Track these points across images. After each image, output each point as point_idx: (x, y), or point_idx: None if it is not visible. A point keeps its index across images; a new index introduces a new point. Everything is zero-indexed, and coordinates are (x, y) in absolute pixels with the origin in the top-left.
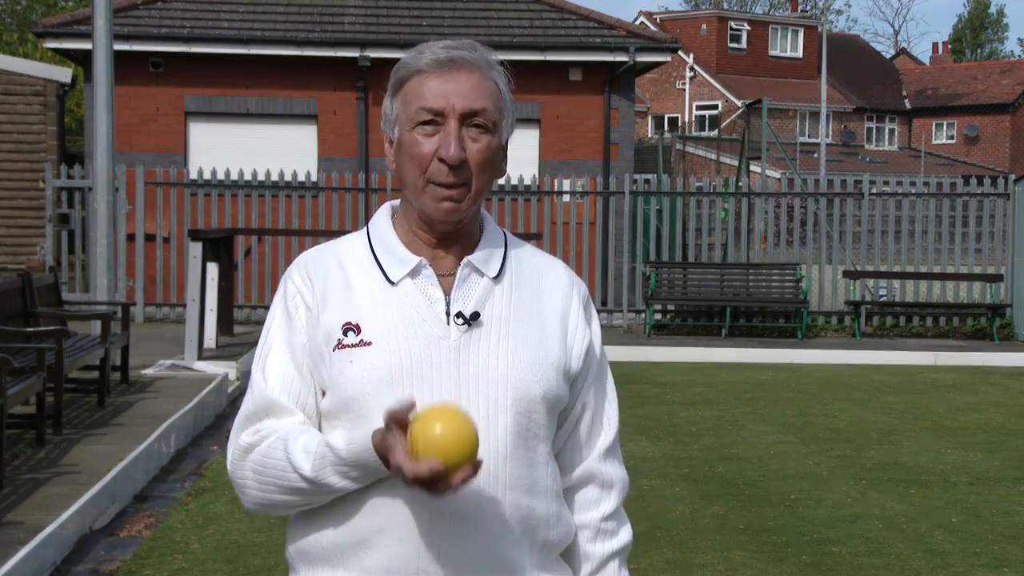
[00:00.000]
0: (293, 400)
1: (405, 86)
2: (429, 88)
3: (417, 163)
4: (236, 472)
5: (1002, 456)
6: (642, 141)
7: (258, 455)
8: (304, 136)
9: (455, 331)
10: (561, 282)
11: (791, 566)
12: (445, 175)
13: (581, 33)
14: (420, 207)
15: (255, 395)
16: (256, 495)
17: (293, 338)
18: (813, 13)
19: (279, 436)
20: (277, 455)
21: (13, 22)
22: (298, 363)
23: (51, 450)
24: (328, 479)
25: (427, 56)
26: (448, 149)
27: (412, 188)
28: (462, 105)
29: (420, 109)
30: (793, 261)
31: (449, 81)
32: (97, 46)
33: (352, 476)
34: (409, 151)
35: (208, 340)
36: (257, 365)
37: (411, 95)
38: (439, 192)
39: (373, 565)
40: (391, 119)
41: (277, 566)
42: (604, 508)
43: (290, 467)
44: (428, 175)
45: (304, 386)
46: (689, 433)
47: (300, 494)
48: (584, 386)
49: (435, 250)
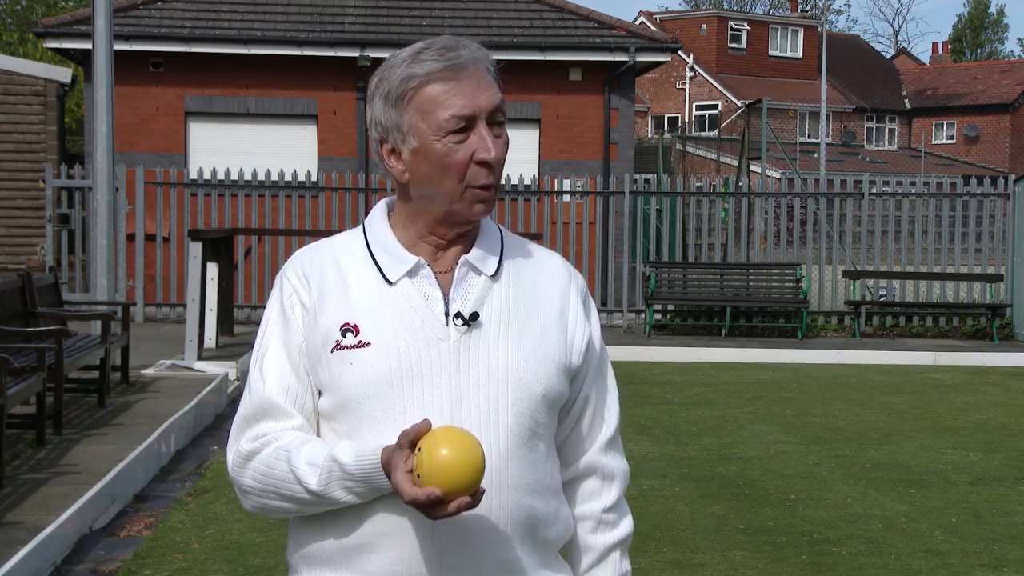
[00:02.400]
0: (291, 401)
1: (416, 96)
2: (450, 95)
3: (455, 171)
4: (237, 478)
5: (1002, 456)
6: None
7: (259, 463)
8: (304, 136)
9: (454, 332)
10: (559, 277)
11: (791, 566)
12: (485, 176)
13: (581, 33)
14: (452, 211)
15: (253, 397)
16: (257, 500)
17: (289, 338)
18: (813, 13)
19: (280, 447)
20: (280, 466)
21: (13, 22)
22: (295, 364)
23: (51, 450)
24: (334, 493)
25: (431, 64)
26: (489, 151)
27: (447, 196)
28: (489, 104)
29: (452, 117)
30: (793, 261)
31: (467, 83)
32: (97, 46)
33: (357, 492)
34: (443, 160)
35: (208, 340)
36: (254, 365)
37: (430, 104)
38: (478, 194)
39: (376, 569)
40: (402, 129)
41: (277, 566)
42: (605, 500)
43: (294, 479)
44: (468, 180)
45: (302, 387)
46: (689, 433)
47: (302, 504)
48: (585, 380)
49: (435, 250)
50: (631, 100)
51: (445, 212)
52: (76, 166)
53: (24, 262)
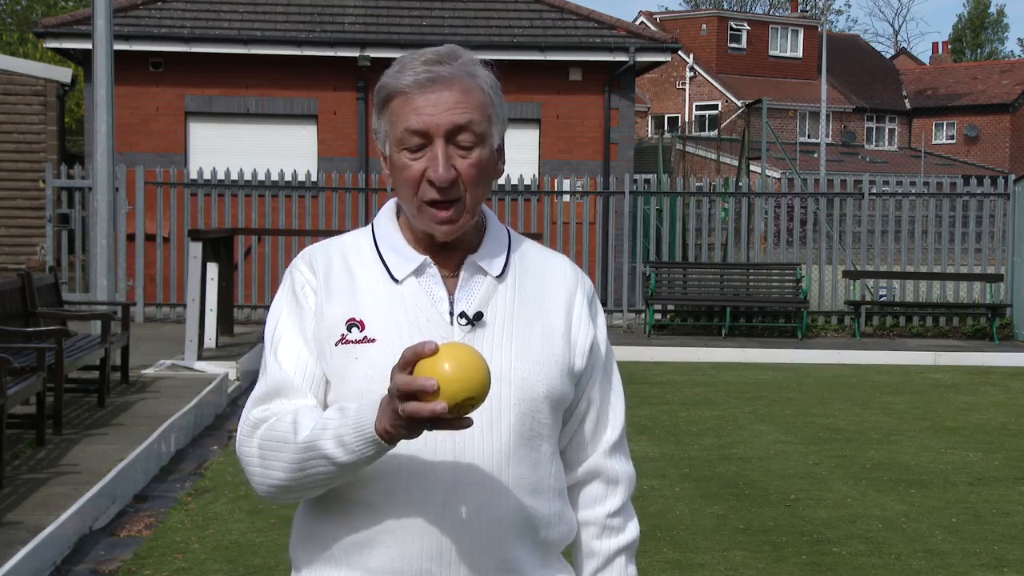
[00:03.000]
0: (308, 383)
1: (389, 106)
2: (412, 109)
3: (408, 184)
4: (243, 448)
5: (1002, 456)
6: (642, 141)
7: (266, 428)
8: (304, 136)
9: (459, 331)
10: (566, 279)
11: (791, 566)
12: (435, 193)
13: (581, 33)
14: (418, 226)
15: (268, 377)
16: (261, 473)
17: (305, 325)
18: (813, 13)
19: (291, 411)
20: (284, 427)
21: (13, 22)
22: (312, 349)
23: (51, 450)
24: (323, 443)
25: (407, 76)
26: (436, 170)
27: (408, 207)
28: (447, 122)
29: (405, 131)
30: (793, 261)
31: (432, 100)
32: (97, 46)
33: (346, 443)
34: (399, 173)
35: (208, 340)
36: (270, 351)
37: (395, 116)
38: (435, 214)
39: (376, 565)
40: (380, 136)
41: (277, 566)
42: (610, 504)
43: (292, 436)
44: (420, 195)
45: (319, 372)
46: (689, 433)
47: (299, 470)
48: (589, 383)
49: (439, 250)
50: (631, 100)
51: (416, 227)
52: (76, 166)
53: (24, 262)
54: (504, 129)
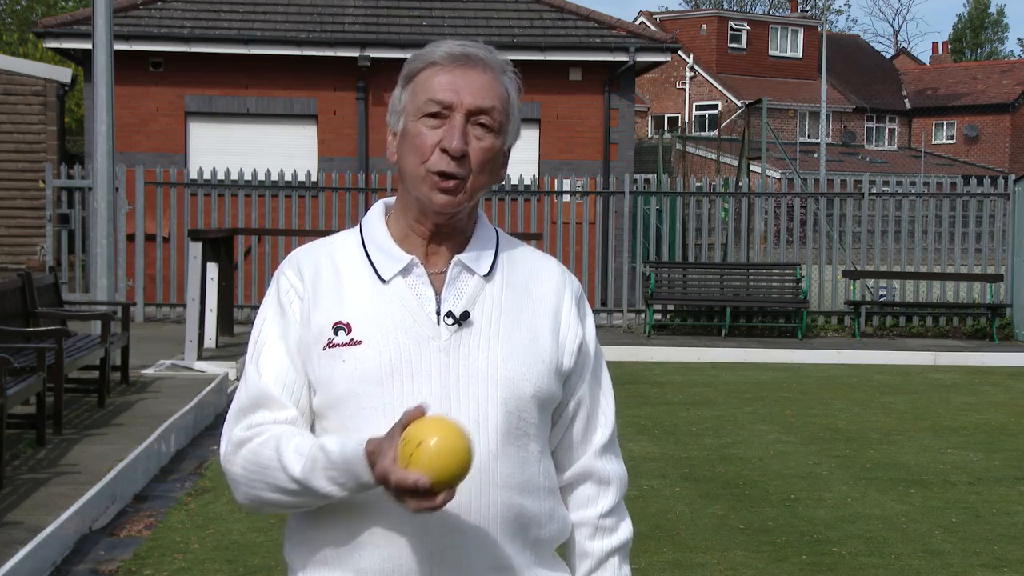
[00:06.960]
0: (287, 394)
1: (417, 77)
2: (439, 81)
3: (419, 152)
4: (228, 467)
5: (1002, 456)
6: (642, 141)
7: (248, 452)
8: (304, 136)
9: (445, 331)
10: (553, 279)
11: (791, 566)
12: (446, 164)
13: (581, 33)
14: (417, 196)
15: (248, 387)
16: (246, 490)
17: (288, 332)
18: (813, 13)
19: (272, 435)
20: (268, 454)
21: (13, 22)
22: (292, 358)
23: (51, 450)
24: (316, 482)
25: (443, 49)
26: (452, 140)
27: (411, 177)
28: (471, 101)
29: (429, 100)
30: (793, 261)
31: (460, 76)
32: (97, 46)
33: (340, 482)
34: (412, 140)
35: (208, 340)
36: (251, 359)
37: (421, 86)
38: (438, 181)
39: (367, 566)
40: (398, 109)
41: (277, 566)
42: (602, 505)
43: (280, 467)
44: (428, 164)
45: (298, 381)
46: (689, 433)
47: (289, 495)
48: (578, 383)
49: (427, 248)
50: (631, 100)
51: (416, 197)
52: (76, 166)
53: (24, 262)
54: (517, 137)
